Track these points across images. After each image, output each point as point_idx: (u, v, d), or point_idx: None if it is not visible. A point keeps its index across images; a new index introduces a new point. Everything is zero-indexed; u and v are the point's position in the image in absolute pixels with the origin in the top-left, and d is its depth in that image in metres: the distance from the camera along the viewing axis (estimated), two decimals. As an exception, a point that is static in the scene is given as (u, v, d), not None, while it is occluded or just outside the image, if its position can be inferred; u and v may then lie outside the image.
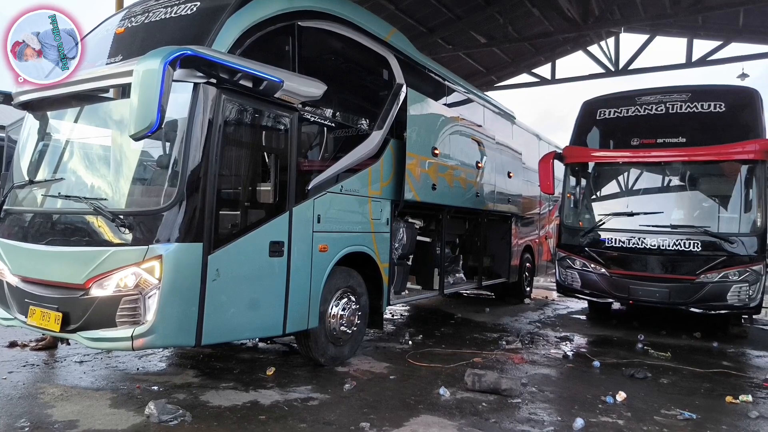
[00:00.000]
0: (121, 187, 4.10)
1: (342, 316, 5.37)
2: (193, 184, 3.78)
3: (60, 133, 4.77)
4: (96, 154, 4.52)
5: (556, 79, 16.06)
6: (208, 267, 3.84)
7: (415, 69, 6.68)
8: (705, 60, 13.88)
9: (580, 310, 10.15)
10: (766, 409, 4.68)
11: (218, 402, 4.24)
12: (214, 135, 3.90)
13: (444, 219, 7.40)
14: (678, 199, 7.49)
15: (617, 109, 7.83)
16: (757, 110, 7.05)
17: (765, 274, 6.68)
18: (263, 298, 4.43)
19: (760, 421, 4.39)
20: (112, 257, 3.76)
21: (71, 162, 4.57)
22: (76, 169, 4.50)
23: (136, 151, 4.05)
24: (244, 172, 4.36)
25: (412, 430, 3.85)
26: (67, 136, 4.69)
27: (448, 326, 7.94)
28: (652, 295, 7.03)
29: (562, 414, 4.35)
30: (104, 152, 4.45)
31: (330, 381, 4.92)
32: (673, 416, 4.43)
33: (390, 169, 6.05)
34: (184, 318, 3.75)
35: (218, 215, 3.94)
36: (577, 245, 7.70)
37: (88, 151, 4.55)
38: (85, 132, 4.61)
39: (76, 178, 4.43)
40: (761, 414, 4.52)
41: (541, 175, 7.93)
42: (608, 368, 5.87)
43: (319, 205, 4.97)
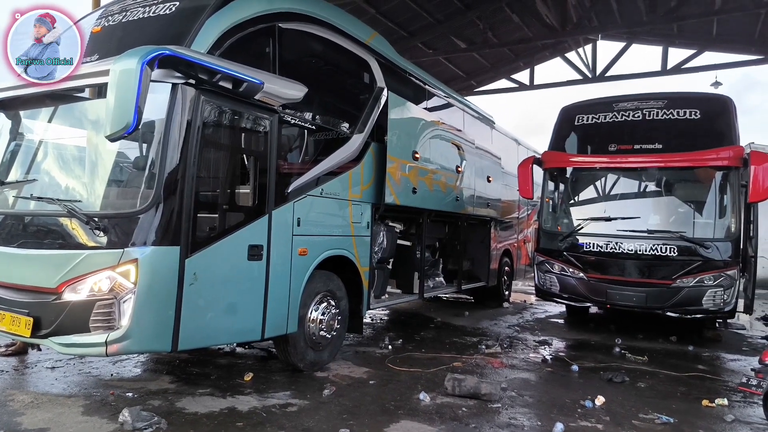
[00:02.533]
0: (95, 189, 4.01)
1: (321, 320, 5.32)
2: (170, 186, 3.71)
3: (33, 133, 4.65)
4: (70, 154, 4.41)
5: (534, 85, 16.20)
6: (185, 271, 3.77)
7: (395, 73, 6.67)
8: (680, 68, 14.14)
9: (558, 314, 10.24)
10: (741, 412, 4.75)
11: (194, 408, 4.15)
12: (192, 137, 3.83)
13: (424, 223, 7.40)
14: (654, 205, 7.61)
15: (595, 115, 7.93)
16: (731, 118, 7.19)
17: (739, 279, 6.80)
18: (241, 302, 4.37)
19: (736, 425, 4.46)
20: (86, 261, 3.66)
21: (45, 163, 4.46)
22: (49, 170, 4.39)
23: (112, 152, 3.96)
24: (223, 175, 4.30)
25: (393, 436, 3.83)
26: (41, 136, 4.57)
27: (427, 330, 7.93)
28: (629, 300, 7.12)
29: (541, 418, 4.37)
30: (79, 153, 4.35)
31: (309, 386, 4.86)
32: (651, 420, 4.47)
33: (370, 173, 6.03)
34: (160, 323, 3.67)
35: (196, 218, 3.87)
36: (555, 249, 7.77)
37: (62, 152, 4.44)
38: (59, 132, 4.50)
39: (49, 179, 4.32)
40: (737, 417, 4.58)
41: (520, 180, 7.99)
42: (587, 372, 5.92)
43: (299, 208, 4.92)
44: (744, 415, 4.67)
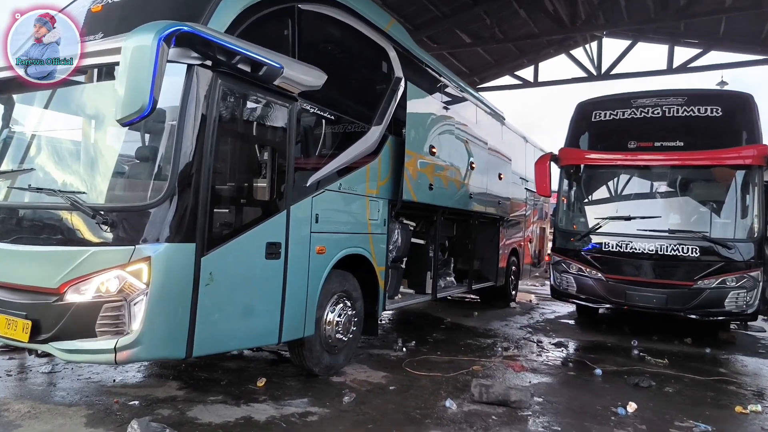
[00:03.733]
0: (101, 180, 3.68)
1: (338, 322, 5.03)
2: (185, 177, 3.39)
3: (30, 118, 4.29)
4: (73, 142, 4.05)
5: (538, 82, 15.99)
6: (201, 270, 3.46)
7: (412, 63, 6.38)
8: (686, 67, 13.98)
9: (568, 315, 10.02)
10: (779, 420, 4.54)
11: (208, 418, 3.85)
12: (209, 124, 3.52)
13: (438, 221, 7.12)
14: (675, 204, 7.37)
15: (612, 111, 7.69)
16: (754, 115, 6.98)
17: (762, 281, 6.59)
18: (258, 304, 4.06)
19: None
20: (91, 258, 3.34)
21: (44, 151, 4.11)
22: (50, 158, 4.04)
23: (119, 140, 3.65)
24: (240, 166, 3.98)
25: (425, 449, 3.55)
26: (39, 121, 4.22)
27: (439, 331, 7.66)
28: (649, 301, 6.88)
29: (576, 428, 4.12)
30: (83, 140, 3.99)
31: (327, 393, 4.57)
32: (688, 428, 4.24)
33: (387, 168, 5.74)
34: (173, 327, 3.36)
35: (212, 213, 3.56)
36: (572, 249, 7.52)
37: (63, 139, 4.08)
38: (60, 117, 4.14)
39: (50, 168, 3.97)
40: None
41: (537, 177, 7.72)
42: (610, 376, 5.68)
43: (318, 203, 4.63)
44: (784, 424, 4.45)
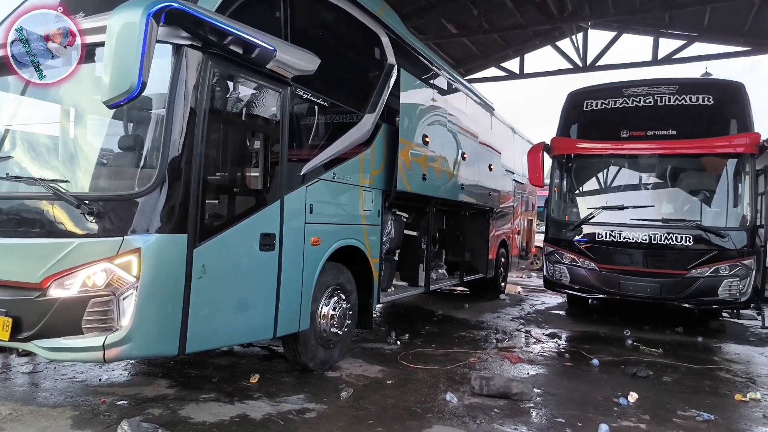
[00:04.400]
0: (85, 168, 3.49)
1: (333, 316, 4.89)
2: (176, 164, 3.21)
3: (6, 101, 4.03)
4: (54, 128, 3.83)
5: (524, 74, 15.91)
6: (193, 262, 3.28)
7: (405, 50, 6.22)
8: (670, 58, 14.02)
9: (557, 306, 10.01)
10: (780, 407, 4.52)
11: (201, 417, 3.68)
12: (199, 108, 3.34)
13: (430, 212, 7.00)
14: (669, 193, 7.32)
15: (604, 101, 7.62)
16: (745, 103, 6.97)
17: (755, 269, 6.60)
18: (253, 297, 3.90)
19: (778, 421, 4.21)
20: (76, 251, 3.14)
21: (23, 138, 3.87)
22: (29, 145, 3.81)
23: (105, 125, 3.44)
24: (233, 154, 3.81)
25: (430, 445, 3.43)
26: (17, 106, 3.97)
27: (431, 324, 7.56)
28: (644, 291, 6.85)
29: (580, 419, 4.03)
30: (65, 126, 3.77)
31: (323, 388, 4.43)
32: (691, 417, 4.19)
33: (381, 157, 5.59)
34: (165, 323, 3.19)
35: (204, 202, 3.39)
36: (565, 239, 7.46)
37: (44, 125, 3.86)
38: (39, 101, 3.89)
39: (29, 156, 3.75)
40: (777, 413, 4.35)
41: (530, 167, 7.63)
42: (607, 366, 5.64)
43: (312, 193, 4.47)
44: (785, 411, 4.43)
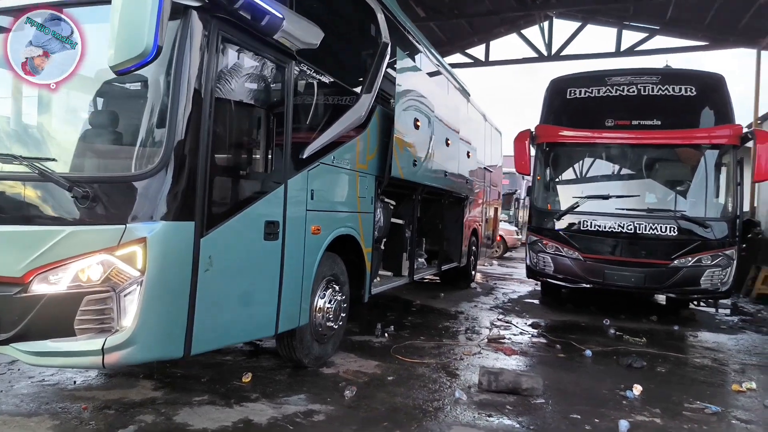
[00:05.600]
0: (77, 145, 3.02)
1: (328, 309, 4.60)
2: (184, 142, 2.82)
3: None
4: (42, 98, 3.29)
5: (490, 61, 15.88)
6: (200, 253, 2.92)
7: (398, 29, 5.92)
8: (633, 50, 14.28)
9: (529, 294, 10.04)
10: (777, 396, 4.59)
11: (200, 423, 3.33)
12: (207, 79, 2.96)
13: (416, 199, 6.77)
14: (653, 183, 7.37)
15: (588, 89, 7.58)
16: (726, 95, 7.07)
17: (736, 259, 6.73)
18: (257, 291, 3.57)
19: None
20: (67, 241, 2.72)
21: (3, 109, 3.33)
22: (12, 118, 3.27)
23: (101, 95, 2.99)
24: (238, 132, 3.43)
25: (456, 449, 3.22)
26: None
27: (412, 314, 7.37)
28: (628, 280, 6.88)
29: (595, 415, 3.92)
30: (54, 96, 3.23)
31: (323, 387, 4.15)
32: (700, 410, 4.17)
33: (375, 141, 5.31)
34: (171, 322, 2.82)
35: (212, 186, 3.02)
36: (549, 229, 7.40)
37: (28, 94, 3.31)
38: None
39: (12, 130, 3.24)
40: (777, 402, 4.39)
41: (516, 155, 7.49)
42: (599, 357, 5.60)
43: (313, 178, 4.14)
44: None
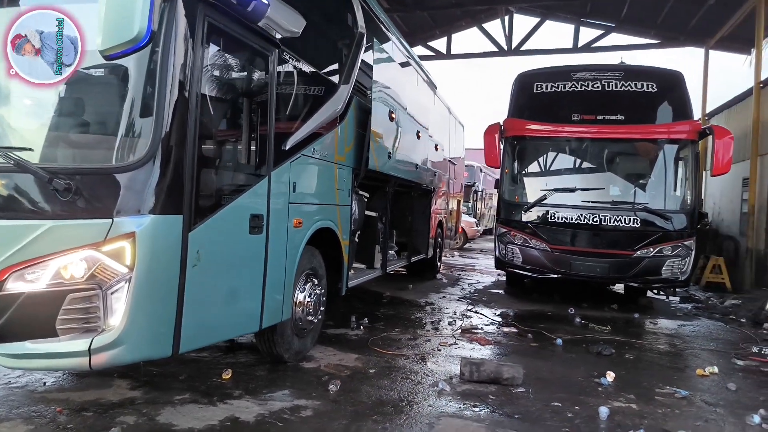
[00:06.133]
0: (57, 133, 2.84)
1: (308, 303, 4.54)
2: (172, 132, 2.70)
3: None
4: (15, 84, 3.05)
5: (451, 54, 16.03)
6: (188, 248, 2.81)
7: (372, 19, 5.85)
8: (590, 46, 14.70)
9: (493, 284, 10.22)
10: (738, 379, 4.83)
11: (186, 423, 3.23)
12: (195, 67, 2.83)
13: (389, 192, 6.75)
14: (617, 176, 7.59)
15: (554, 84, 7.73)
16: (686, 91, 7.35)
17: (694, 249, 7.03)
18: (242, 286, 3.47)
19: (740, 392, 4.46)
20: (47, 236, 2.56)
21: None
22: None
23: (84, 82, 2.82)
24: (224, 122, 3.31)
25: (448, 440, 3.24)
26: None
27: (384, 306, 7.38)
28: (593, 270, 7.09)
29: (574, 402, 4.02)
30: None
31: (306, 381, 4.10)
32: (670, 395, 4.34)
33: (352, 133, 5.25)
34: (160, 320, 2.71)
35: (199, 178, 2.90)
36: (517, 221, 7.53)
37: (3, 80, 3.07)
38: None
39: None
40: (738, 387, 4.60)
41: (486, 148, 7.56)
42: (569, 346, 5.75)
43: (295, 170, 4.06)
44: (741, 383, 4.71)
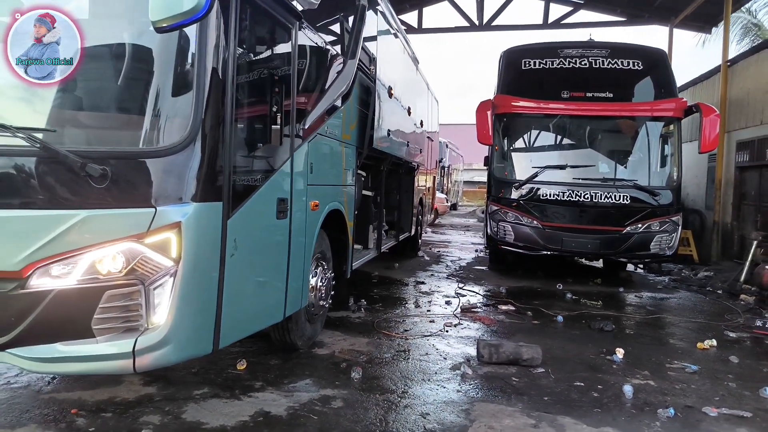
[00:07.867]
0: (86, 114, 2.55)
1: (321, 287, 4.39)
2: (212, 111, 2.46)
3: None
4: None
5: (423, 29, 15.80)
6: (227, 237, 2.61)
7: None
8: (559, 23, 14.76)
9: (475, 261, 10.29)
10: (736, 351, 4.97)
11: (215, 420, 3.06)
12: (230, 41, 2.59)
13: (384, 170, 6.60)
14: (608, 153, 7.66)
15: (542, 60, 7.69)
16: (670, 70, 7.45)
17: (680, 224, 7.21)
18: (270, 275, 3.30)
19: (743, 365, 4.60)
20: (80, 227, 2.30)
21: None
22: (12, 83, 2.65)
23: (116, 58, 2.53)
24: (257, 101, 3.07)
25: (489, 427, 3.19)
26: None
27: (376, 287, 7.29)
28: (584, 247, 7.18)
29: (596, 381, 4.05)
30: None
31: (324, 369, 3.98)
32: (680, 369, 4.43)
33: (355, 110, 5.05)
34: (204, 315, 2.51)
35: (236, 162, 2.69)
36: (509, 198, 7.52)
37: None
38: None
39: (13, 98, 2.66)
40: (740, 359, 4.74)
41: (478, 125, 7.45)
42: (570, 322, 5.81)
43: (312, 150, 3.86)
44: (740, 355, 4.85)
